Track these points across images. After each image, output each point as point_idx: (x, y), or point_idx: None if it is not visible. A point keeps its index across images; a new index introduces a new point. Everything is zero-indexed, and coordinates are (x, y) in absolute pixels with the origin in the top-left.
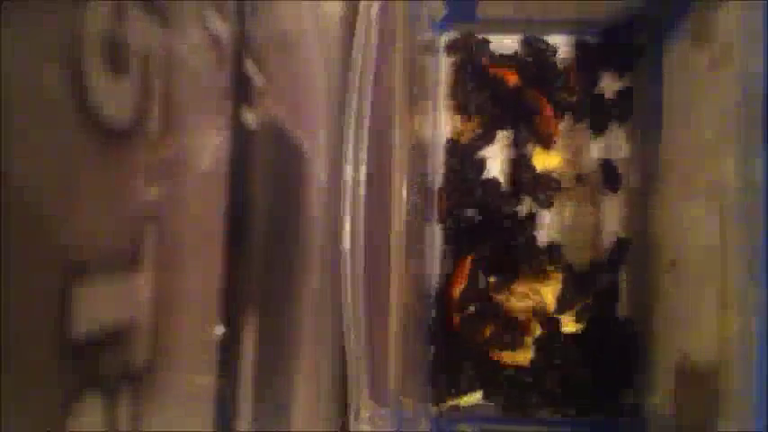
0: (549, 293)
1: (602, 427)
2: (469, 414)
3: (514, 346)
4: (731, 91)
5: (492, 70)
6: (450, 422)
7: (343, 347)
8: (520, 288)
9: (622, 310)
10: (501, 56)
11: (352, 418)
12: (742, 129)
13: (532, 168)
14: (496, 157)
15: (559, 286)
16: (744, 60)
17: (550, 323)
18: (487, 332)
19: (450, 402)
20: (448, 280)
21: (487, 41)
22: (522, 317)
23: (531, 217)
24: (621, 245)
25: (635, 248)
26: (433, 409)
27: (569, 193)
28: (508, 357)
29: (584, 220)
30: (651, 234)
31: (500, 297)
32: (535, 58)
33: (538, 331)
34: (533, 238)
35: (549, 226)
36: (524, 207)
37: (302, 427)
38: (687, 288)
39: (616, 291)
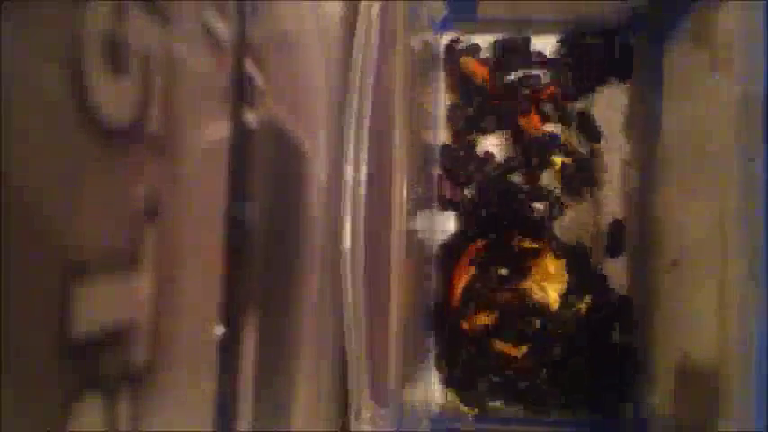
0: (552, 291)
1: (603, 427)
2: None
3: (513, 339)
4: (731, 91)
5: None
6: (450, 422)
7: (343, 347)
8: (524, 283)
9: (623, 309)
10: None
11: (352, 418)
12: (742, 129)
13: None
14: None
15: (564, 285)
16: (744, 60)
17: (551, 320)
18: (486, 322)
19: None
20: (451, 270)
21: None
22: (522, 312)
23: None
24: (618, 227)
25: (636, 248)
26: (434, 408)
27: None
28: (503, 348)
29: (584, 219)
30: (652, 234)
31: (504, 290)
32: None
33: (536, 326)
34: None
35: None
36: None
37: (302, 427)
38: (687, 288)
39: (618, 291)
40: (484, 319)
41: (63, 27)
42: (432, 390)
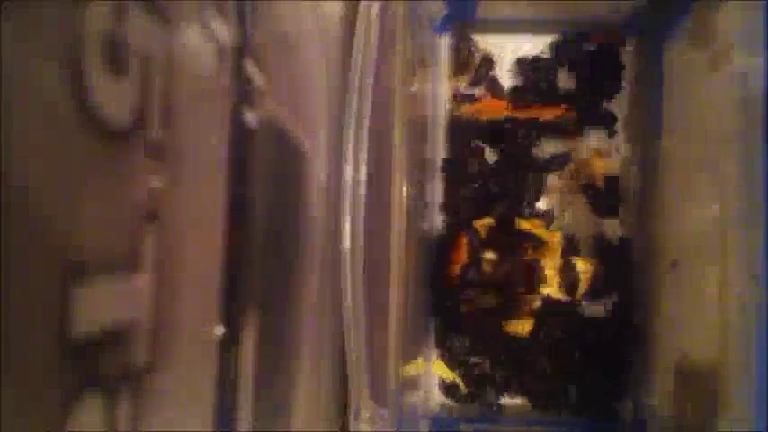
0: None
1: (602, 427)
2: (469, 415)
3: (516, 314)
4: (731, 91)
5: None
6: (451, 422)
7: (343, 347)
8: (517, 265)
9: (623, 310)
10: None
11: (352, 418)
12: (742, 129)
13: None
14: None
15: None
16: (744, 60)
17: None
18: (489, 302)
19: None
20: (446, 257)
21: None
22: (519, 288)
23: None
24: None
25: (636, 249)
26: (434, 408)
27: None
28: (511, 328)
29: (584, 219)
30: (652, 234)
31: (496, 270)
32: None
33: (537, 303)
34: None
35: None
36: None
37: (302, 427)
38: (687, 288)
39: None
40: (488, 300)
41: (63, 27)
42: (432, 390)
